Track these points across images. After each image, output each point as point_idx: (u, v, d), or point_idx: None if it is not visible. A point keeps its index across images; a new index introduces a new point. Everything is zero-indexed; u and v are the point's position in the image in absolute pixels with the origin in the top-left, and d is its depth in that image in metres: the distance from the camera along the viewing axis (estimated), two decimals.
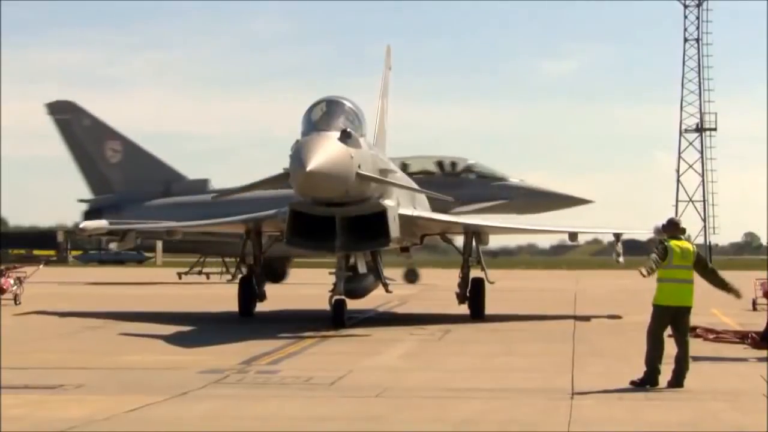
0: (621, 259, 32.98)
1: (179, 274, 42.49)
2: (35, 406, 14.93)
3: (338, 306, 26.99)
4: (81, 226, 34.60)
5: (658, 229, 17.75)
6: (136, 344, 23.62)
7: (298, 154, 25.04)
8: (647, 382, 17.03)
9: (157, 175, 59.23)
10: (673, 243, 17.38)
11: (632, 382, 17.08)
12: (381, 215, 27.41)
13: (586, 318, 30.85)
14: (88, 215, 55.65)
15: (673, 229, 17.59)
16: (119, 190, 59.20)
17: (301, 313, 34.43)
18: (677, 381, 17.08)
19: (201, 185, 59.04)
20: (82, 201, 60.37)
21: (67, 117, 59.88)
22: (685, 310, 17.49)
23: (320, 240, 27.24)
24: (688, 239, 17.81)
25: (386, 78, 37.96)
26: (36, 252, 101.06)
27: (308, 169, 24.53)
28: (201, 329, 28.26)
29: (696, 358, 20.67)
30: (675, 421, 14.31)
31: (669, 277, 17.32)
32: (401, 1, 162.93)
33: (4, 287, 37.29)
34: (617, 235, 33.68)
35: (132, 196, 57.71)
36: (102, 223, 36.44)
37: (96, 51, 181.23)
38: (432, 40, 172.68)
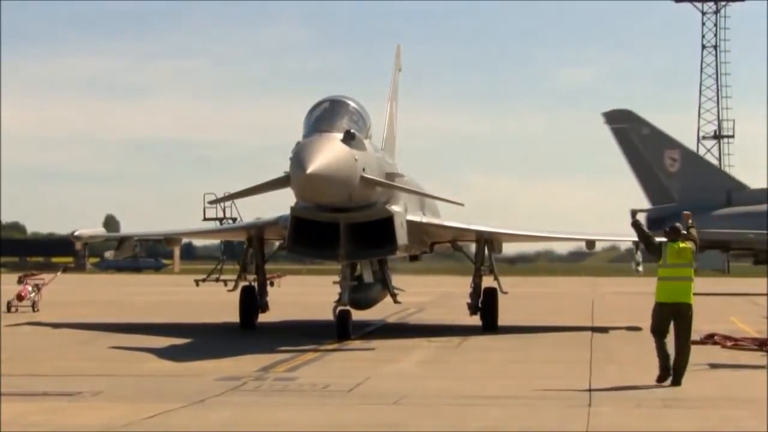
0: (641, 268, 32.30)
1: (196, 282, 42.48)
2: (54, 413, 14.97)
3: (343, 317, 26.06)
4: (77, 233, 33.93)
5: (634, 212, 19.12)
6: (153, 352, 23.62)
7: (299, 156, 23.78)
8: (661, 378, 17.86)
9: (717, 184, 58.46)
10: (671, 244, 18.32)
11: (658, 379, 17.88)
12: (388, 221, 26.17)
13: (604, 329, 30.55)
14: (650, 224, 54.91)
15: (674, 234, 18.48)
16: (678, 199, 58.58)
17: (306, 323, 33.95)
18: (675, 379, 17.75)
19: (763, 194, 58.09)
20: (640, 210, 59.77)
21: (625, 126, 59.67)
22: (684, 307, 18.12)
23: (323, 248, 26.13)
24: (691, 235, 18.54)
25: (396, 79, 36.50)
26: (54, 259, 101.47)
27: (308, 171, 23.27)
28: (216, 337, 28.28)
29: (715, 365, 20.71)
30: (693, 428, 14.25)
31: (665, 275, 18.25)
32: (417, 3, 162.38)
33: (23, 294, 37.48)
34: (637, 243, 32.85)
35: (694, 206, 56.98)
36: (98, 230, 36.22)
37: (116, 58, 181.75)
38: (447, 45, 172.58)
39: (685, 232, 18.58)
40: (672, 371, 17.86)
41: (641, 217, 59.42)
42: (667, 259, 18.23)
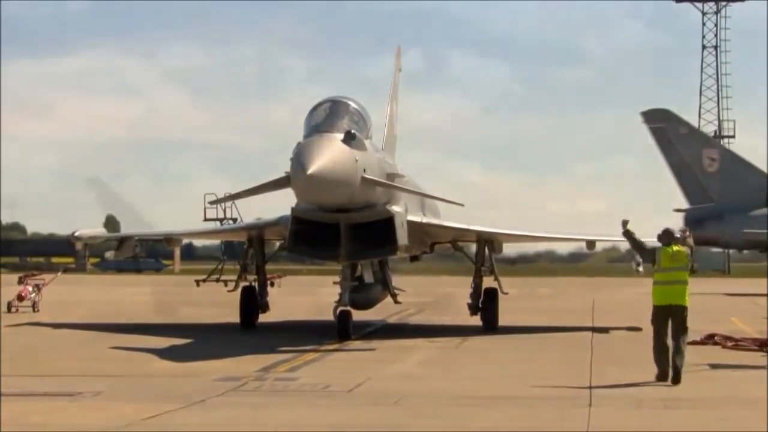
0: (641, 268, 32.39)
1: (197, 282, 42.46)
2: (55, 413, 14.99)
3: (343, 317, 26.07)
4: (77, 234, 33.87)
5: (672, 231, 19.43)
6: (153, 352, 23.63)
7: (299, 157, 23.63)
8: (659, 378, 18.28)
9: (756, 184, 57.92)
10: (665, 248, 18.85)
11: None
12: (388, 222, 26.20)
13: (605, 330, 30.57)
14: (689, 224, 54.37)
15: (667, 238, 19.05)
16: (717, 199, 58.38)
17: (306, 324, 33.92)
18: (675, 378, 18.18)
19: None
20: (678, 210, 59.69)
21: (663, 125, 59.59)
22: (679, 309, 18.68)
23: (324, 248, 26.07)
24: (686, 243, 19.17)
25: (396, 80, 36.48)
26: (54, 260, 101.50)
27: (309, 172, 23.15)
28: (216, 338, 28.28)
29: (715, 366, 20.72)
30: (693, 428, 14.26)
31: (660, 279, 18.85)
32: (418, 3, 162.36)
33: (23, 295, 37.50)
34: None
35: (734, 206, 56.66)
36: (98, 231, 36.16)
37: (116, 58, 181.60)
38: (447, 43, 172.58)
39: (678, 236, 19.10)
40: (671, 371, 18.25)
41: (679, 217, 58.99)
42: (661, 263, 18.77)
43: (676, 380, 18.10)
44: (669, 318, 18.61)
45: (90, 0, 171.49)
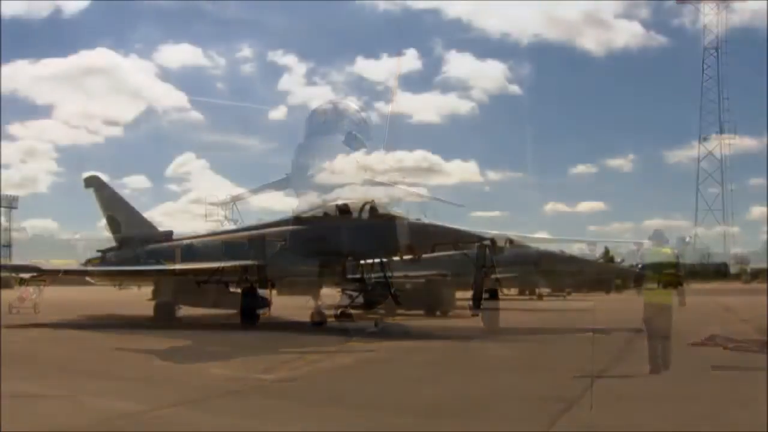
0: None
1: (198, 283, 42.50)
2: (54, 413, 15.00)
3: (344, 318, 26.29)
4: (77, 235, 34.19)
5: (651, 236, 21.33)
6: (154, 352, 23.64)
7: (300, 158, 24.20)
8: (653, 371, 19.46)
9: None
10: (652, 251, 20.45)
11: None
12: (389, 223, 26.59)
13: (606, 331, 30.63)
14: None
15: (656, 239, 20.73)
16: None
17: (307, 324, 33.81)
18: (664, 365, 19.60)
19: None
20: None
21: None
22: (665, 308, 20.07)
23: (325, 249, 26.41)
24: (673, 249, 20.85)
25: (397, 81, 37.03)
26: (55, 261, 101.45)
27: (310, 173, 23.91)
28: (217, 338, 28.29)
29: (716, 367, 20.75)
30: (693, 428, 14.29)
31: (649, 282, 20.28)
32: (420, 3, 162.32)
33: (24, 296, 37.58)
34: (639, 245, 33.35)
35: None
36: (98, 233, 36.39)
37: (115, 57, 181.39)
38: (445, 43, 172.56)
39: (668, 240, 20.79)
40: (662, 362, 19.61)
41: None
42: (650, 267, 20.20)
43: (666, 367, 19.43)
44: (659, 316, 19.90)
45: (90, 0, 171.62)
